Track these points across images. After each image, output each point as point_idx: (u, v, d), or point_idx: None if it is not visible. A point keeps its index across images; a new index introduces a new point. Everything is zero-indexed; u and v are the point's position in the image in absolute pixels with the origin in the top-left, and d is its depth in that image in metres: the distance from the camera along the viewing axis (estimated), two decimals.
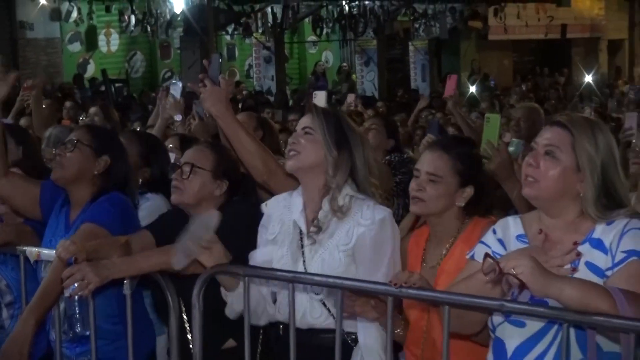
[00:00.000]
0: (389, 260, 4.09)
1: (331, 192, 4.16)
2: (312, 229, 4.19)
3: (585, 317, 3.31)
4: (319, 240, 4.17)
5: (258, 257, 4.34)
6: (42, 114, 8.09)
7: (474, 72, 22.36)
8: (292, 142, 4.26)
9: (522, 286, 3.26)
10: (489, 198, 4.42)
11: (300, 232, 4.25)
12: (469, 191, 4.17)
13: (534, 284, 3.25)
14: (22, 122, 8.54)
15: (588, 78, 20.60)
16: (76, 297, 4.29)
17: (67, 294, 4.22)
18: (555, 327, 3.43)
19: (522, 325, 3.48)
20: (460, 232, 4.20)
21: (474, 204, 4.21)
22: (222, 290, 4.26)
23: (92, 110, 8.73)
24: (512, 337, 3.54)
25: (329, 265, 4.11)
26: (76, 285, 4.07)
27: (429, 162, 4.19)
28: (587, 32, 32.76)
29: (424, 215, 4.24)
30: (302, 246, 4.23)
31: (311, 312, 4.16)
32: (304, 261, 4.19)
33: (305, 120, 4.29)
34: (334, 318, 4.07)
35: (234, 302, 4.24)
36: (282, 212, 4.35)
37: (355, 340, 4.11)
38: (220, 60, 5.51)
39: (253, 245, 4.42)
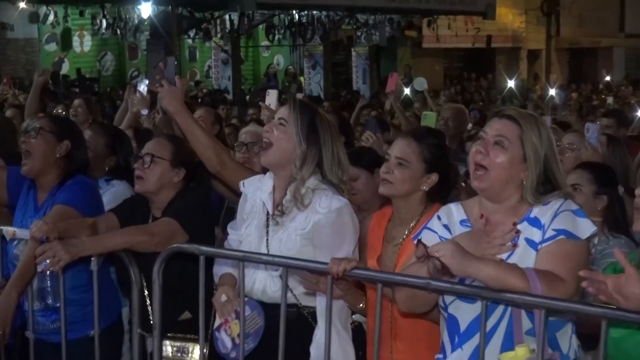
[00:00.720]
0: (347, 245, 4.07)
1: (296, 182, 4.14)
2: (276, 212, 4.18)
3: (500, 294, 3.37)
4: (281, 223, 4.17)
5: (232, 238, 4.42)
6: (34, 108, 8.04)
7: (406, 76, 22.40)
8: (266, 130, 4.25)
9: (444, 267, 3.31)
10: (452, 186, 4.42)
11: (267, 213, 4.22)
12: (434, 178, 4.13)
13: (453, 265, 3.29)
14: (9, 113, 8.48)
15: (510, 83, 20.72)
16: (48, 272, 4.27)
17: (39, 269, 4.24)
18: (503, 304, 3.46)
19: (473, 301, 3.48)
20: (423, 216, 4.14)
21: (437, 190, 4.17)
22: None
23: (76, 102, 8.64)
24: (464, 313, 3.55)
25: (286, 245, 4.12)
26: (48, 261, 4.06)
27: (399, 147, 4.16)
28: (510, 42, 32.97)
29: (390, 196, 4.19)
30: (268, 225, 4.20)
31: (270, 287, 4.14)
32: (267, 240, 4.18)
33: (282, 111, 4.25)
34: (293, 293, 4.13)
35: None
36: (254, 192, 4.32)
37: (313, 314, 4.10)
38: (176, 62, 5.51)
39: (209, 225, 4.48)
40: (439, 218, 3.72)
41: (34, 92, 8.17)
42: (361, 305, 4.22)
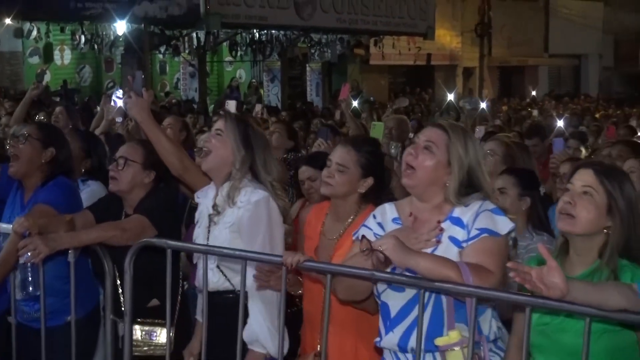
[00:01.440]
0: (264, 234, 4.15)
1: (231, 181, 4.22)
2: (212, 212, 4.27)
3: (436, 284, 3.40)
4: (216, 221, 4.26)
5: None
6: (21, 116, 7.98)
7: (354, 90, 22.44)
8: (205, 141, 4.37)
9: (387, 260, 3.33)
10: (385, 188, 4.45)
11: (210, 215, 4.29)
12: (369, 181, 4.17)
13: (395, 257, 3.33)
14: (4, 120, 8.41)
15: (450, 97, 20.80)
16: (29, 263, 4.23)
17: (21, 261, 4.21)
18: (429, 292, 3.49)
19: (402, 290, 3.52)
20: (358, 215, 4.18)
21: (372, 192, 4.20)
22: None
23: (57, 109, 8.59)
24: (394, 300, 3.58)
25: (218, 240, 4.21)
26: (29, 254, 4.06)
27: (339, 154, 4.19)
28: (447, 60, 33.17)
29: (330, 196, 4.23)
30: (209, 225, 4.29)
31: (211, 278, 4.19)
32: (208, 238, 4.27)
33: (219, 124, 4.35)
34: (230, 282, 4.21)
35: None
36: (203, 200, 4.40)
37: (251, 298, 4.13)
38: (143, 76, 5.50)
39: (176, 222, 4.56)
40: (374, 217, 3.77)
41: (25, 103, 8.09)
42: (300, 292, 4.33)
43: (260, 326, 4.09)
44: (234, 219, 4.18)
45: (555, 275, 2.94)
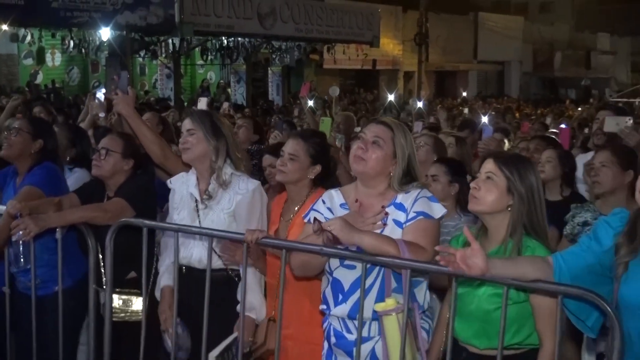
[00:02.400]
0: (259, 217, 4.17)
1: (216, 171, 4.20)
2: (204, 197, 4.21)
3: (377, 258, 3.42)
4: (210, 206, 4.21)
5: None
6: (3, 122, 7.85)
7: (310, 91, 22.53)
8: (183, 142, 4.30)
9: (335, 238, 3.35)
10: (332, 174, 4.47)
11: (196, 201, 4.24)
12: (318, 168, 4.18)
13: (342, 236, 3.34)
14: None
15: (391, 97, 20.84)
16: (20, 241, 4.20)
17: (14, 239, 4.18)
18: (377, 267, 3.51)
19: (353, 267, 3.55)
20: (308, 197, 4.18)
21: (321, 178, 4.22)
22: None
23: (36, 109, 8.52)
24: (346, 277, 3.60)
25: (217, 224, 4.14)
26: (21, 232, 4.05)
27: (291, 145, 4.19)
28: (390, 65, 33.27)
29: (284, 182, 4.23)
30: (198, 210, 4.22)
31: (204, 257, 4.09)
32: (199, 221, 4.20)
33: (187, 123, 4.32)
34: (222, 260, 4.16)
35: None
36: (181, 187, 4.35)
37: (239, 276, 4.11)
38: (128, 76, 5.47)
39: (152, 204, 4.54)
40: (323, 202, 3.77)
41: (7, 111, 7.94)
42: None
43: (256, 296, 4.12)
44: (232, 205, 4.16)
45: (478, 256, 2.95)
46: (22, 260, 4.39)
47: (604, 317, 3.07)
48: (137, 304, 4.49)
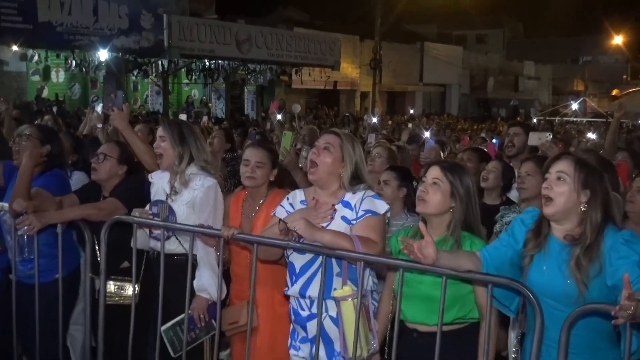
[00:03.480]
0: (211, 209, 4.18)
1: (178, 173, 4.24)
2: (171, 192, 4.26)
3: (334, 251, 3.46)
4: (175, 199, 4.24)
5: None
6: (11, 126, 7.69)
7: (280, 108, 22.54)
8: (156, 146, 4.36)
9: (299, 235, 3.38)
10: (286, 176, 4.52)
11: (167, 194, 4.27)
12: (275, 172, 4.28)
13: (305, 234, 3.40)
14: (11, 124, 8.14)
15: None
16: (25, 235, 4.19)
17: (20, 233, 4.17)
18: (321, 256, 3.53)
19: (303, 253, 3.60)
20: (267, 197, 4.25)
21: (277, 180, 4.31)
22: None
23: (46, 117, 8.44)
24: (298, 261, 3.65)
25: (179, 214, 4.19)
26: (26, 228, 4.06)
27: (256, 155, 4.24)
28: (349, 86, 33.27)
29: (253, 187, 4.27)
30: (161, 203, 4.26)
31: (169, 244, 4.16)
32: None
33: (159, 130, 4.37)
34: (183, 247, 4.17)
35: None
36: (158, 182, 4.37)
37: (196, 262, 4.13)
38: (123, 95, 5.46)
39: (142, 203, 4.42)
40: (287, 199, 3.82)
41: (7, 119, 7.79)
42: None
43: (208, 279, 4.10)
44: (190, 198, 4.18)
45: (430, 248, 3.01)
46: (26, 251, 4.37)
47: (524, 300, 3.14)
48: (129, 289, 4.47)
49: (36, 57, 20.31)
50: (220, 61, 24.91)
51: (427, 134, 9.17)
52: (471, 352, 3.31)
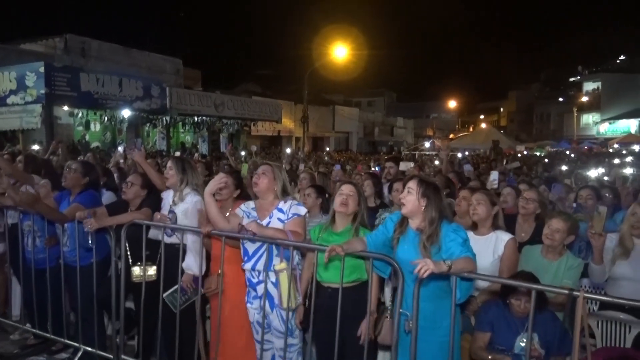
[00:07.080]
0: (193, 216, 4.03)
1: (178, 192, 4.08)
2: (173, 205, 4.10)
3: (274, 240, 3.40)
4: (176, 210, 4.07)
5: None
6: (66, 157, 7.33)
7: (244, 148, 22.31)
8: (166, 173, 4.19)
9: (254, 233, 3.32)
10: (244, 190, 4.41)
11: (170, 206, 4.12)
12: (237, 191, 4.13)
13: (257, 231, 3.34)
14: (55, 158, 7.75)
15: (287, 151, 20.76)
16: (87, 231, 4.05)
17: (85, 229, 4.01)
18: (265, 244, 3.47)
19: (254, 242, 3.52)
20: (232, 206, 4.06)
21: (239, 195, 4.16)
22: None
23: (88, 155, 8.07)
24: (250, 246, 3.57)
25: (178, 219, 4.01)
26: (89, 226, 3.96)
27: (225, 179, 4.00)
28: (288, 133, 33.21)
29: (224, 200, 4.08)
30: (170, 212, 4.08)
31: (172, 238, 4.03)
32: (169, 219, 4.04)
33: (169, 163, 4.20)
34: (178, 238, 4.00)
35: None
36: (166, 197, 4.21)
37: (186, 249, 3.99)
38: (142, 141, 5.33)
39: (158, 210, 4.22)
40: (244, 205, 3.73)
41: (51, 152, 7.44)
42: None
43: (192, 261, 3.97)
44: (184, 208, 4.06)
45: (336, 247, 3.01)
46: (87, 242, 4.17)
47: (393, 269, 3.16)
48: (150, 271, 4.24)
49: (80, 114, 19.48)
50: (204, 117, 24.45)
51: (337, 165, 9.24)
52: (363, 299, 3.33)
